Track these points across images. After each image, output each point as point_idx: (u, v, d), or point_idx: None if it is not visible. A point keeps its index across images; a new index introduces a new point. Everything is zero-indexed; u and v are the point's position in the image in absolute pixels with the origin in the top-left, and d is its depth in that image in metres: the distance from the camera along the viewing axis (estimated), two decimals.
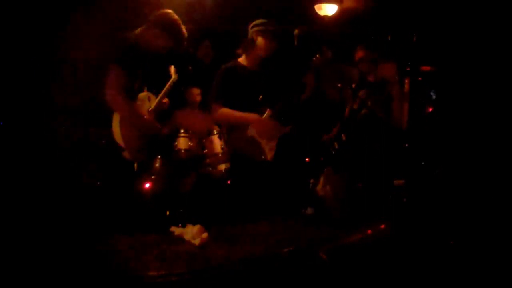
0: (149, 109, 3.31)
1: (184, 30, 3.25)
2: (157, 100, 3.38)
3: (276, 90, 3.74)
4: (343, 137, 4.25)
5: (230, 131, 3.81)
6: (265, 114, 3.61)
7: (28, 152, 3.26)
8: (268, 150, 3.55)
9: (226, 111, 3.59)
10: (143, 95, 3.35)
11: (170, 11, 3.25)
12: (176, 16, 3.23)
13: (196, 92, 5.25)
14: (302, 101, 4.00)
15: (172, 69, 3.56)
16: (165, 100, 3.48)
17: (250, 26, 3.68)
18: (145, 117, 3.24)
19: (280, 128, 3.62)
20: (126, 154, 3.12)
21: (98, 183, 3.12)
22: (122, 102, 3.05)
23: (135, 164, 3.28)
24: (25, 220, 2.85)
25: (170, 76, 3.54)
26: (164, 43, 3.21)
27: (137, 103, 3.28)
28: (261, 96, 3.60)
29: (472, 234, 3.16)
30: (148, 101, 3.36)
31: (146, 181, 3.41)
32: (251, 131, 3.57)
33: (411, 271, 2.76)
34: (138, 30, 3.23)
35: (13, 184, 3.09)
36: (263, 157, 3.55)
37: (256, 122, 3.57)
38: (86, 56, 3.07)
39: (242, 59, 3.72)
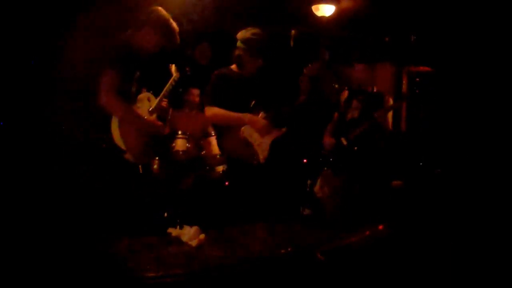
0: (149, 109, 3.30)
1: (174, 24, 3.22)
2: (157, 100, 3.36)
3: (270, 94, 3.73)
4: (344, 142, 4.25)
5: (222, 133, 3.79)
6: (259, 116, 3.60)
7: (28, 153, 3.25)
8: (261, 152, 3.54)
9: (219, 110, 3.57)
10: (142, 96, 3.33)
11: (158, 7, 3.21)
12: (164, 12, 3.20)
13: (195, 93, 5.27)
14: (297, 105, 3.99)
15: (173, 67, 3.54)
16: (164, 102, 3.46)
17: (236, 37, 3.65)
18: (145, 117, 3.22)
19: (274, 131, 3.61)
20: (128, 157, 3.10)
21: (99, 185, 3.11)
22: (118, 105, 3.02)
23: (140, 166, 3.27)
24: (25, 220, 2.84)
25: (169, 76, 3.52)
26: (156, 40, 3.17)
27: (136, 104, 3.26)
28: (253, 102, 3.59)
29: (471, 235, 3.16)
30: (148, 102, 3.34)
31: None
32: (243, 133, 3.57)
33: (409, 272, 2.76)
34: (129, 31, 3.21)
35: (13, 184, 3.09)
36: (255, 159, 3.54)
37: (251, 121, 3.56)
38: (86, 58, 3.07)
39: (235, 66, 3.71)
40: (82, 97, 2.98)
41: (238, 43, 3.60)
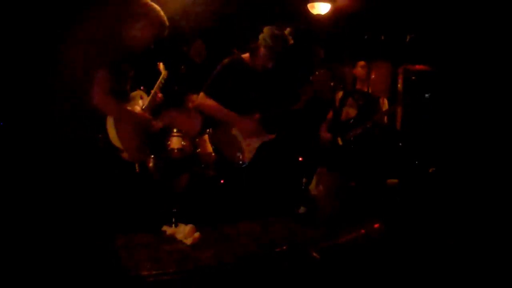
0: (143, 107, 3.30)
1: (164, 16, 3.21)
2: (149, 97, 3.37)
3: (270, 96, 3.72)
4: (339, 142, 4.26)
5: (214, 127, 3.78)
6: (254, 117, 3.59)
7: (27, 152, 3.25)
8: (247, 152, 3.54)
9: (212, 102, 3.54)
10: (135, 93, 3.34)
11: (147, 1, 3.21)
12: (154, 4, 3.20)
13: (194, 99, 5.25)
14: (292, 111, 3.96)
15: (161, 66, 3.55)
16: (159, 95, 3.45)
17: (262, 30, 3.60)
18: (138, 114, 3.22)
19: (264, 135, 3.60)
20: (125, 155, 3.10)
21: (96, 184, 3.11)
22: (113, 104, 3.02)
23: (136, 165, 3.26)
24: (23, 219, 2.84)
25: (159, 73, 3.52)
26: (149, 34, 3.16)
27: (130, 102, 3.26)
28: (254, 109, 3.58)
29: (465, 232, 3.17)
30: (140, 100, 3.34)
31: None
32: (235, 131, 3.56)
33: (405, 270, 2.76)
34: (123, 29, 3.19)
35: (13, 184, 3.08)
36: (240, 157, 3.53)
37: (239, 122, 3.54)
38: (82, 58, 3.06)
39: (246, 56, 3.67)
40: (78, 96, 2.98)
41: (263, 37, 3.53)
